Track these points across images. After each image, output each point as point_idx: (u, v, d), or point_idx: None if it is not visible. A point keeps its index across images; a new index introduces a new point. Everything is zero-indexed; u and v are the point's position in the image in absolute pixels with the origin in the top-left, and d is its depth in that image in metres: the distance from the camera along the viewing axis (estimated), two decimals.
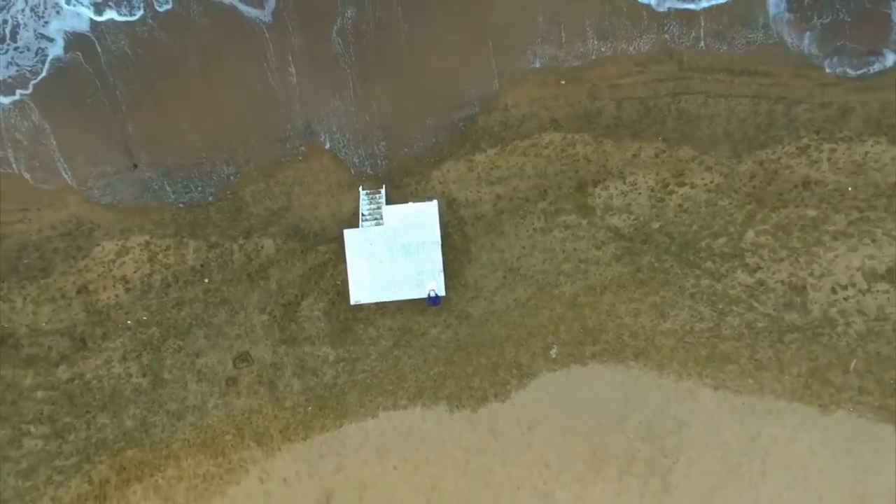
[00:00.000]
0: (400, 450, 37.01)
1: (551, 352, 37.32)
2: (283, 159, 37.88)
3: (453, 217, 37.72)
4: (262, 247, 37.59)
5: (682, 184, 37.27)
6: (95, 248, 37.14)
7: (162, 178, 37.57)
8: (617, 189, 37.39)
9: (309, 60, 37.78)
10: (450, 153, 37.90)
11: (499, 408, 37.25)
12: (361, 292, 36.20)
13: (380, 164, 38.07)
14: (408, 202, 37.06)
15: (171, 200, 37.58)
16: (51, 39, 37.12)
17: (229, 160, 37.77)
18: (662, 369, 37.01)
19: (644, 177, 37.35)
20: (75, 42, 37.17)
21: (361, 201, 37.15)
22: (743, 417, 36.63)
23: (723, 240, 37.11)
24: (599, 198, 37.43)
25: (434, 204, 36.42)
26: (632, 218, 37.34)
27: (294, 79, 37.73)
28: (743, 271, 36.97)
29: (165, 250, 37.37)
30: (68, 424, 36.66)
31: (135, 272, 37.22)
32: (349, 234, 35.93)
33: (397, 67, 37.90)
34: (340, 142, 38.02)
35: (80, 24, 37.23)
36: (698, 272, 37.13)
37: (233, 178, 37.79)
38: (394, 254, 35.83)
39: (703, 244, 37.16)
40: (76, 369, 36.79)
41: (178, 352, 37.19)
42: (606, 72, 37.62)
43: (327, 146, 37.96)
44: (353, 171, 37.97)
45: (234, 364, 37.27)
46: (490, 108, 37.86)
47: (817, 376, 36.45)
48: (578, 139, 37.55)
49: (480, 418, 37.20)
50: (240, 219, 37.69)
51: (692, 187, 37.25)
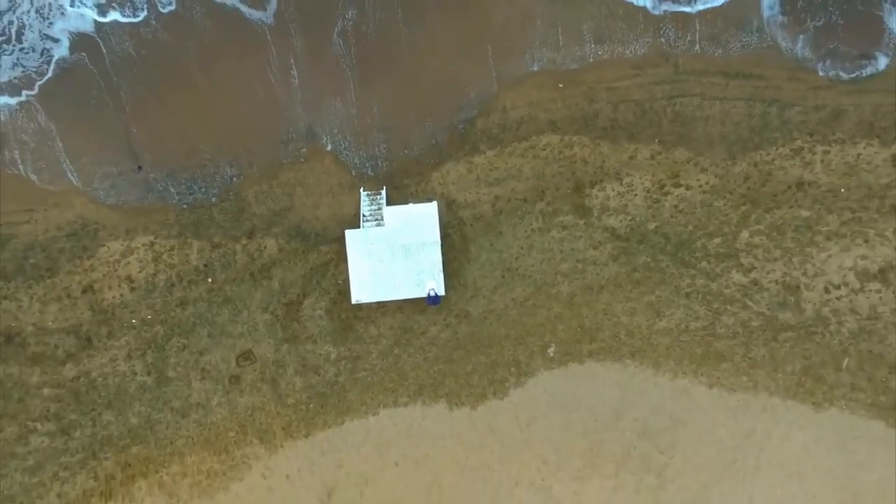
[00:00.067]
0: (400, 446, 37.29)
1: (549, 350, 37.60)
2: (285, 161, 38.16)
3: (453, 218, 38.00)
4: (265, 247, 37.87)
5: (678, 185, 37.58)
6: (101, 249, 37.47)
7: (166, 179, 37.88)
8: (614, 190, 37.69)
9: (310, 62, 38.02)
10: (449, 155, 38.18)
11: (497, 405, 37.51)
12: (362, 292, 36.50)
13: (380, 165, 38.37)
14: (408, 203, 37.33)
15: (175, 201, 37.90)
16: (56, 40, 37.33)
17: (232, 162, 38.08)
18: (658, 367, 37.29)
19: (640, 178, 37.65)
20: (80, 43, 37.40)
21: (362, 202, 37.42)
22: (737, 415, 36.89)
23: (718, 240, 37.42)
24: (596, 199, 37.73)
25: (434, 205, 36.71)
26: (628, 218, 37.63)
27: (296, 81, 38.00)
28: (737, 271, 37.28)
29: (170, 250, 37.68)
30: (74, 421, 36.99)
31: (139, 272, 37.55)
32: (350, 234, 36.21)
33: (398, 70, 38.16)
34: (342, 144, 38.31)
35: (85, 25, 37.44)
36: (693, 272, 37.44)
37: (236, 179, 38.10)
38: (394, 254, 36.10)
39: (699, 244, 37.45)
40: (82, 367, 37.12)
41: (183, 350, 37.51)
42: (603, 75, 37.92)
43: (329, 148, 38.25)
44: (353, 173, 38.25)
45: (237, 362, 37.58)
46: (489, 111, 38.13)
47: (811, 374, 36.76)
48: (576, 141, 37.83)
49: (479, 416, 37.46)
50: (243, 219, 37.99)
51: (688, 188, 37.56)
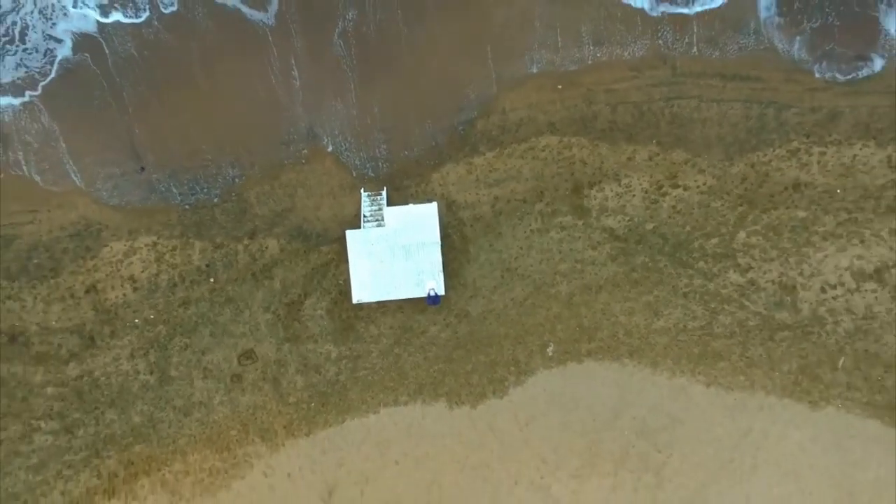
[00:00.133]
0: (401, 445, 37.53)
1: (548, 350, 37.82)
2: (286, 162, 38.40)
3: (453, 218, 38.23)
4: (267, 247, 38.11)
5: (676, 186, 37.81)
6: (104, 249, 37.72)
7: (168, 180, 38.13)
8: (612, 191, 37.92)
9: (311, 63, 38.25)
10: (449, 156, 38.40)
11: (497, 404, 37.74)
12: (363, 291, 36.74)
13: (381, 166, 38.60)
14: (408, 204, 37.55)
15: (177, 202, 38.16)
16: (59, 41, 37.56)
17: (234, 163, 38.32)
18: (656, 367, 37.52)
19: (638, 179, 37.89)
20: (83, 43, 37.63)
21: (363, 203, 37.67)
22: (735, 413, 37.12)
23: (715, 240, 37.65)
24: (595, 199, 37.97)
25: (434, 205, 36.92)
26: (626, 219, 37.87)
27: (297, 82, 38.23)
28: (735, 271, 37.52)
29: (172, 251, 37.92)
30: (77, 420, 37.25)
31: (142, 272, 37.80)
32: (351, 234, 36.43)
33: (398, 71, 38.39)
34: (342, 145, 38.55)
35: (87, 26, 37.67)
36: (691, 272, 37.69)
37: (237, 180, 38.34)
38: (395, 254, 36.34)
39: (696, 245, 37.69)
40: (85, 366, 37.38)
41: (185, 349, 37.76)
42: (602, 77, 38.15)
43: (329, 149, 38.48)
44: (354, 174, 38.49)
45: (239, 361, 37.82)
46: (488, 112, 38.36)
47: (807, 373, 36.99)
48: (575, 142, 38.06)
49: (479, 415, 37.69)
50: (244, 220, 38.24)
51: (685, 189, 37.80)
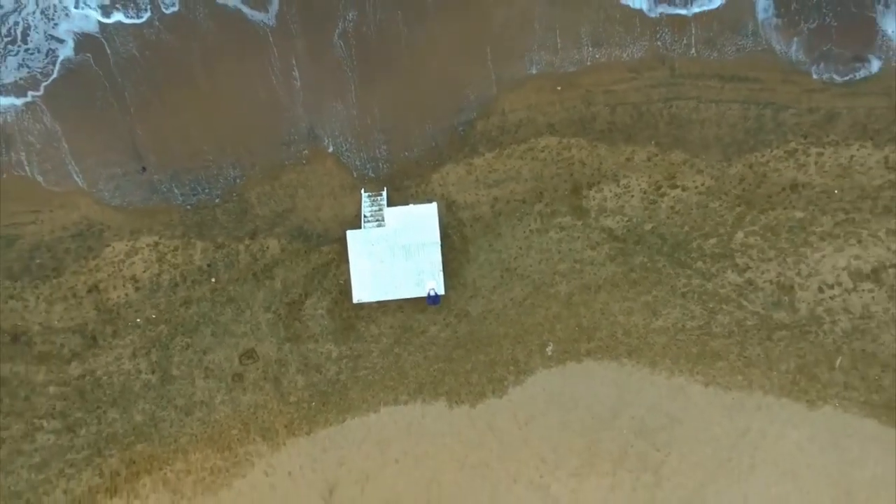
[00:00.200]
0: (401, 444, 37.71)
1: (547, 349, 37.99)
2: (287, 162, 38.56)
3: (452, 219, 38.40)
4: (268, 247, 38.28)
5: (674, 186, 38.00)
6: (106, 249, 37.89)
7: (170, 180, 38.31)
8: (611, 191, 38.10)
9: (312, 64, 38.42)
10: (449, 157, 38.57)
11: (496, 403, 37.91)
12: (363, 291, 36.91)
13: (381, 167, 38.78)
14: (408, 204, 37.72)
15: (178, 202, 38.33)
16: (61, 41, 37.68)
17: (235, 163, 38.49)
18: (655, 366, 37.69)
19: (637, 179, 38.07)
20: (85, 44, 37.76)
21: (363, 203, 37.84)
22: (733, 413, 37.31)
23: (713, 241, 37.83)
24: (594, 200, 38.14)
25: (434, 206, 37.10)
26: (625, 219, 38.04)
27: (298, 83, 38.40)
28: (733, 271, 37.70)
29: (174, 251, 38.10)
30: (80, 419, 37.43)
31: (144, 272, 37.97)
32: (352, 234, 36.61)
33: (398, 72, 38.56)
34: (343, 145, 38.72)
35: (89, 26, 37.80)
36: (689, 272, 37.87)
37: (239, 180, 38.51)
38: (395, 254, 36.52)
39: (695, 245, 37.87)
40: (87, 366, 37.55)
41: (186, 349, 37.94)
42: (601, 78, 38.33)
43: (330, 150, 38.66)
44: (355, 174, 38.66)
45: (240, 361, 37.99)
46: (488, 113, 38.53)
47: (805, 373, 37.18)
48: (574, 143, 38.23)
49: (479, 414, 37.87)
50: (245, 220, 38.41)
51: (684, 190, 37.98)
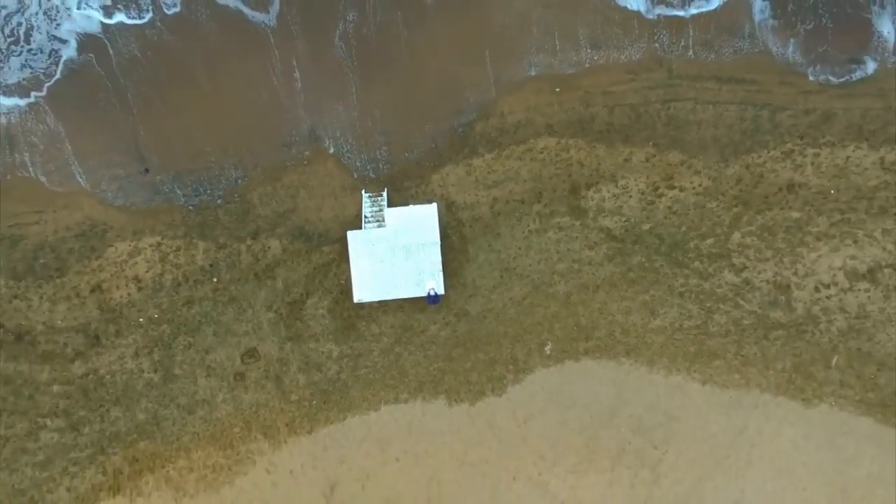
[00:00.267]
0: (401, 442, 37.96)
1: (546, 348, 38.22)
2: (288, 163, 38.81)
3: (452, 219, 38.65)
4: (269, 247, 38.53)
5: (672, 187, 38.24)
6: (109, 249, 38.15)
7: (172, 181, 38.56)
8: (609, 192, 38.34)
9: (313, 65, 38.65)
10: (449, 158, 38.81)
11: (496, 402, 38.15)
12: (364, 291, 37.16)
13: (381, 168, 39.02)
14: (408, 205, 37.98)
15: (181, 203, 38.58)
16: (64, 41, 37.91)
17: (237, 164, 38.73)
18: (652, 365, 37.93)
19: (635, 180, 38.31)
20: (88, 44, 38.00)
21: (364, 204, 38.09)
22: (730, 411, 37.55)
23: (710, 241, 38.07)
24: (592, 200, 38.39)
25: (434, 206, 37.33)
26: (623, 220, 38.29)
27: (299, 84, 38.65)
28: (730, 271, 37.94)
29: (176, 251, 38.36)
30: (83, 418, 37.70)
31: (147, 272, 38.22)
32: (352, 235, 36.85)
33: (398, 73, 38.79)
34: (344, 147, 38.97)
35: (91, 27, 38.04)
36: (687, 272, 38.12)
37: (240, 181, 38.75)
38: (395, 254, 36.77)
39: (692, 245, 38.11)
40: (90, 365, 37.82)
41: (189, 348, 38.19)
42: (599, 79, 38.56)
43: (331, 151, 38.90)
44: (355, 175, 38.90)
45: (241, 360, 38.25)
46: (487, 115, 38.77)
47: (801, 371, 37.42)
48: (572, 144, 38.46)
49: (478, 412, 38.11)
50: (247, 220, 38.65)
51: (681, 190, 38.22)
